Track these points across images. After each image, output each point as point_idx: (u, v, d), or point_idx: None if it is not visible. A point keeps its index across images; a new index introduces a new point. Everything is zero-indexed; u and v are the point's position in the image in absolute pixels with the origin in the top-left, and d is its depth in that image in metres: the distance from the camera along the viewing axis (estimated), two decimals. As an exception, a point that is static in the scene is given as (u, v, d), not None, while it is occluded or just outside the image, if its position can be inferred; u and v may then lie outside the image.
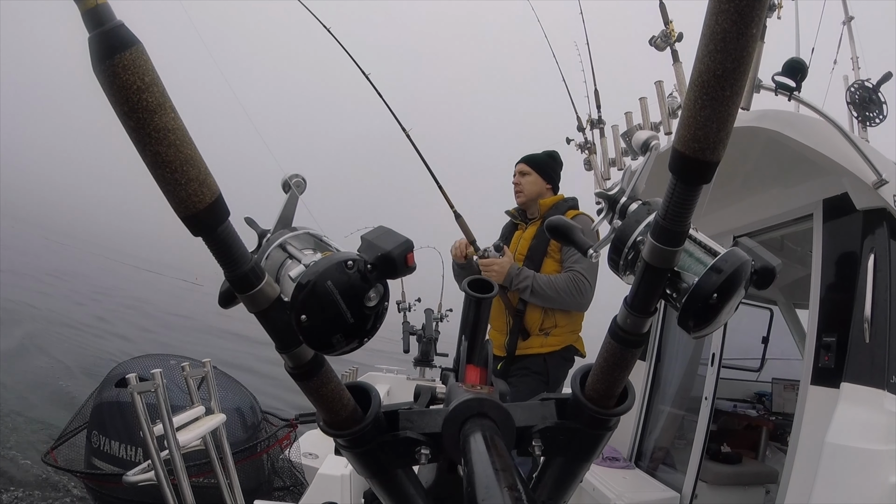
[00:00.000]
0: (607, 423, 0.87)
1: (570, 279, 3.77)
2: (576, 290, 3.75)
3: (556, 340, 3.91)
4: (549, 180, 4.28)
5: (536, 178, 4.22)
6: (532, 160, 4.26)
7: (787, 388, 6.55)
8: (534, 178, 4.22)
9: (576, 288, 3.75)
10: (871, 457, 2.94)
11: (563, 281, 3.78)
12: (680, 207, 0.66)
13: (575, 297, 3.77)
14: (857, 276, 3.46)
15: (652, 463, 5.52)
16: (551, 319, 3.91)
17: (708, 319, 0.77)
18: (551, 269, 3.94)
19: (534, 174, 4.22)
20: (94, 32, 0.54)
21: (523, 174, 4.25)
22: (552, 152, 4.40)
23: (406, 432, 0.86)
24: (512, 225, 4.44)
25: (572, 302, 3.81)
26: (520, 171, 4.27)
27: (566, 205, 4.18)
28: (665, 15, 4.29)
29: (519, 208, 4.36)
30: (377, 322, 0.77)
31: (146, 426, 2.84)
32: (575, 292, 3.75)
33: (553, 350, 3.90)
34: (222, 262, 0.67)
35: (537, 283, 3.79)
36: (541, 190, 4.24)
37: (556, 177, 4.34)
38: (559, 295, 3.77)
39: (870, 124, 3.97)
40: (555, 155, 4.40)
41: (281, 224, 0.86)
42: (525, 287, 3.81)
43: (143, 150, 0.58)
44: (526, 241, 4.15)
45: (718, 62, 0.55)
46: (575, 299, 3.78)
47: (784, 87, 3.39)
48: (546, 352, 3.90)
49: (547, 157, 4.33)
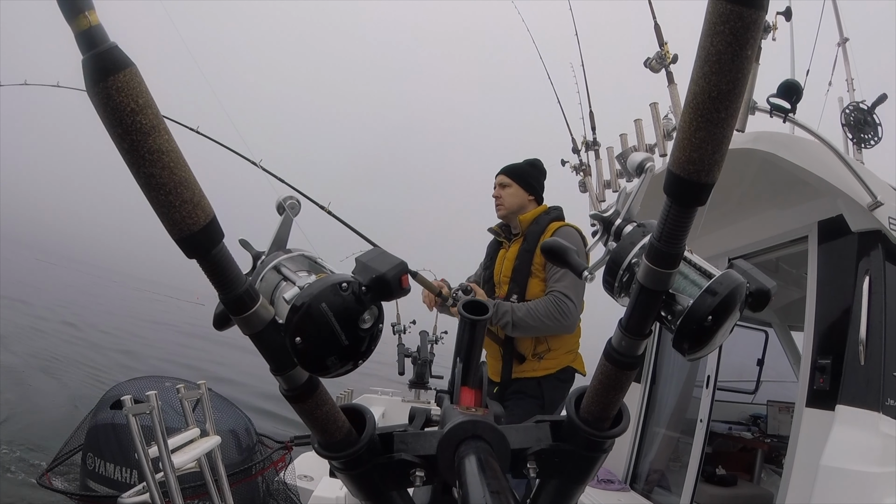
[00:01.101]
0: (602, 446, 0.86)
1: (552, 303, 3.57)
2: (558, 314, 3.54)
3: (551, 363, 3.76)
4: (531, 191, 4.03)
5: (517, 189, 3.99)
6: (511, 171, 4.04)
7: (782, 411, 6.54)
8: (514, 189, 3.99)
9: (558, 311, 3.55)
10: (866, 479, 2.94)
11: (543, 307, 3.59)
12: (675, 229, 0.66)
13: (559, 321, 3.56)
14: (853, 299, 3.47)
15: (647, 485, 5.50)
16: (543, 344, 3.76)
17: (703, 342, 0.77)
18: (538, 289, 3.78)
19: (514, 185, 3.99)
20: (88, 54, 0.54)
21: (503, 186, 4.01)
22: (533, 160, 4.17)
23: (401, 454, 0.86)
24: (496, 243, 4.23)
25: (556, 327, 3.60)
26: (499, 182, 4.04)
27: (548, 217, 3.93)
28: (660, 37, 4.31)
29: (502, 224, 4.16)
30: (372, 344, 0.77)
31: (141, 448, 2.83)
32: (558, 316, 3.55)
33: (548, 373, 3.76)
34: (217, 284, 0.66)
35: (516, 316, 3.61)
36: (522, 202, 4.00)
37: (538, 186, 4.09)
38: (542, 322, 3.57)
39: (865, 146, 4.00)
40: (535, 163, 4.17)
41: (275, 246, 0.86)
42: (505, 323, 3.64)
43: (137, 173, 0.58)
44: (510, 262, 3.94)
45: (713, 84, 0.56)
46: (559, 323, 3.57)
47: (779, 108, 3.41)
48: (541, 375, 3.76)
49: (527, 166, 4.09)
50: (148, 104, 0.56)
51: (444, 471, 0.81)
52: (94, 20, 0.53)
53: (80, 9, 0.53)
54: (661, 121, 4.51)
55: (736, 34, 0.53)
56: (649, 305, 0.74)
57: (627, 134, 4.94)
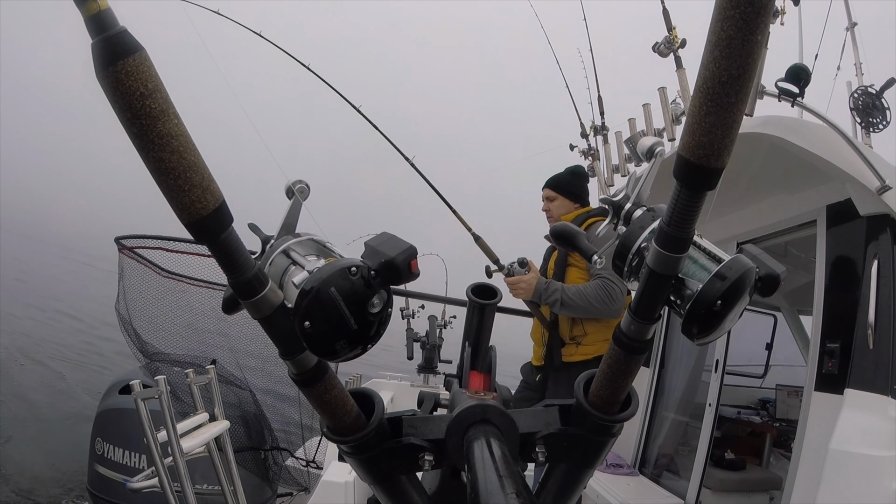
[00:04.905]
0: (611, 430, 0.86)
1: (601, 286, 3.66)
2: (607, 298, 3.63)
3: (589, 349, 3.81)
4: (576, 199, 4.21)
5: (562, 200, 4.17)
6: (554, 184, 4.20)
7: (790, 395, 6.54)
8: (560, 201, 4.17)
9: (607, 295, 3.63)
10: (875, 463, 2.93)
11: (592, 289, 3.67)
12: (684, 214, 0.66)
13: (607, 305, 3.64)
14: (861, 282, 3.46)
15: (656, 469, 5.50)
16: (580, 328, 3.84)
17: (712, 326, 0.76)
18: (576, 278, 3.87)
19: (559, 197, 4.17)
20: (97, 39, 0.54)
21: (550, 199, 4.20)
22: (574, 168, 4.32)
23: (410, 438, 0.86)
24: (551, 248, 4.33)
25: (604, 310, 3.67)
26: (546, 196, 4.22)
27: (585, 216, 4.05)
28: (668, 21, 4.29)
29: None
30: (381, 328, 0.77)
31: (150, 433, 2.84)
32: (606, 300, 3.63)
33: (585, 359, 3.80)
34: (226, 268, 0.66)
35: (566, 294, 3.70)
36: (569, 211, 4.17)
37: (581, 192, 4.25)
38: (590, 304, 3.66)
39: (873, 130, 3.97)
40: (576, 170, 4.33)
41: (284, 230, 0.85)
42: (554, 301, 3.73)
43: (146, 157, 0.58)
44: (553, 260, 4.10)
45: (723, 68, 0.55)
46: (607, 307, 3.65)
47: (787, 93, 3.39)
48: (577, 360, 3.82)
49: (568, 175, 4.25)
50: (157, 88, 0.56)
51: (453, 455, 0.81)
52: (103, 4, 0.53)
53: None
54: (669, 105, 4.49)
55: (746, 18, 0.53)
56: (658, 290, 0.73)
57: (636, 118, 4.92)
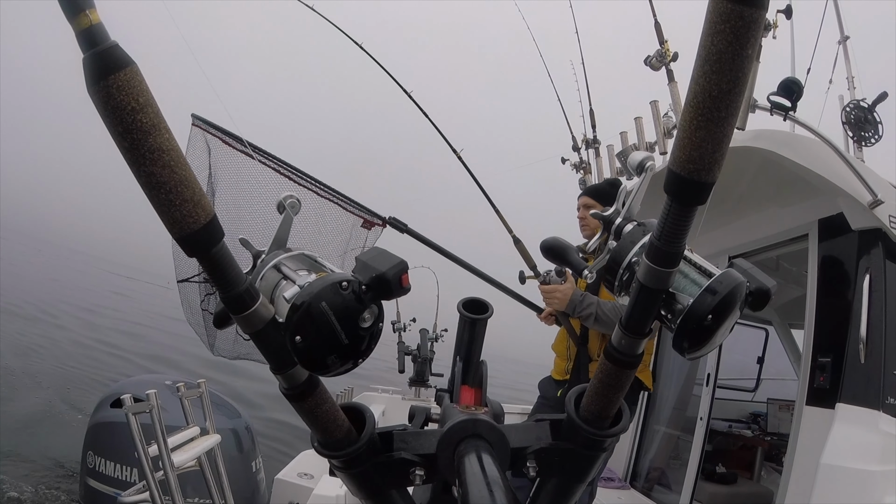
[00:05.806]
0: (602, 444, 0.86)
1: None
2: None
3: None
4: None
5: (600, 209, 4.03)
6: (594, 192, 4.02)
7: (782, 409, 6.54)
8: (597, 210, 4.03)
9: None
10: (866, 478, 2.94)
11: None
12: (675, 228, 0.66)
13: None
14: (853, 297, 3.47)
15: (647, 483, 5.51)
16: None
17: (702, 341, 0.77)
18: (608, 295, 3.62)
19: (598, 206, 3.90)
20: (89, 53, 0.54)
21: (588, 207, 3.94)
22: (612, 180, 4.33)
23: (401, 453, 0.86)
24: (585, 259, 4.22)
25: None
26: (583, 204, 3.97)
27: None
28: (660, 35, 4.31)
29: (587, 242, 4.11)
30: (372, 343, 0.77)
31: (141, 447, 2.83)
32: None
33: None
34: (217, 282, 0.66)
35: (601, 310, 3.50)
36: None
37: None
38: None
39: (865, 144, 3.99)
40: (615, 182, 4.20)
41: (275, 245, 0.85)
42: (589, 315, 3.52)
43: (137, 171, 0.58)
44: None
45: (714, 83, 0.55)
46: None
47: (779, 106, 3.41)
48: None
49: (607, 186, 4.13)
50: (148, 103, 0.56)
51: (444, 469, 0.81)
52: (94, 19, 0.53)
53: (81, 7, 0.53)
54: (661, 119, 4.51)
55: (737, 33, 0.53)
56: (649, 304, 0.74)
57: (628, 132, 4.94)
